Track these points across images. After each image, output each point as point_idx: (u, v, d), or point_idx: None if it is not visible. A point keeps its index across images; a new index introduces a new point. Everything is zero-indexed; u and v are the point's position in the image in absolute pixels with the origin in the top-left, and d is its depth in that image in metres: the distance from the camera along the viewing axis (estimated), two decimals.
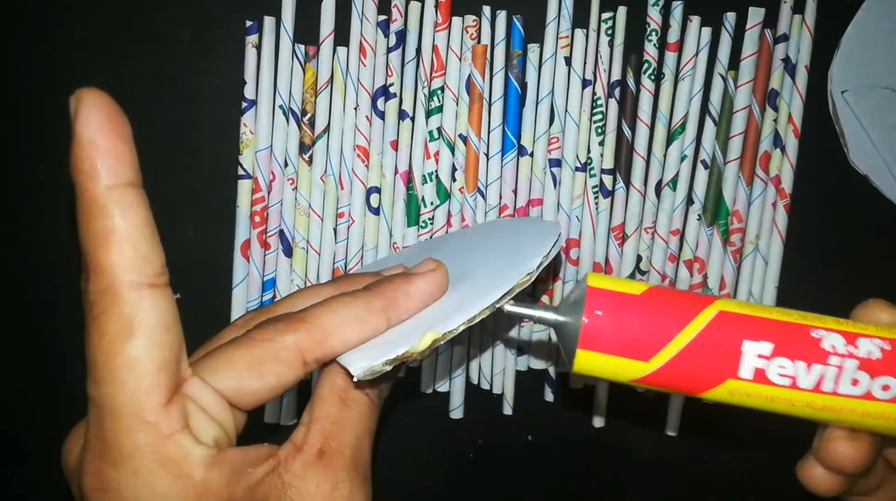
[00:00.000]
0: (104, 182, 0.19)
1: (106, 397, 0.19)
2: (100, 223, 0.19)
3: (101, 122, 0.19)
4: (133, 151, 0.20)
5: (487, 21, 0.39)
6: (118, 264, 0.19)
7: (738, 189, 0.40)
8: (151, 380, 0.19)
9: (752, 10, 0.39)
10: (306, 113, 0.39)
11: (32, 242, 0.41)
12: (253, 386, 0.21)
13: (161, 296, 0.19)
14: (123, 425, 0.19)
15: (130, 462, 0.19)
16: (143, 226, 0.19)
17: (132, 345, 0.19)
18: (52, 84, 0.40)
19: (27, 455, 0.43)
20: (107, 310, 0.19)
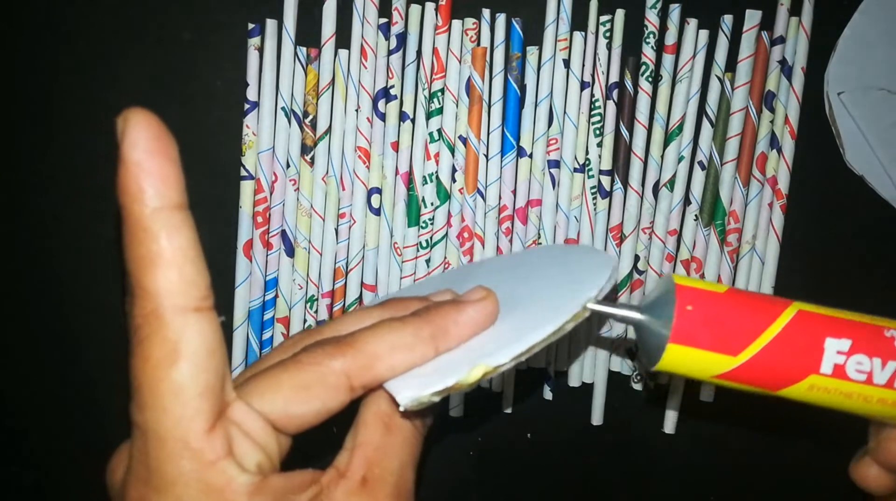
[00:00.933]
0: (151, 205, 0.19)
1: (150, 422, 0.19)
2: (145, 247, 0.19)
3: (148, 143, 0.19)
4: (180, 172, 0.20)
5: (487, 24, 0.39)
6: (163, 289, 0.18)
7: (734, 190, 0.41)
8: (195, 406, 0.19)
9: (748, 13, 0.39)
10: (308, 115, 0.39)
11: (34, 243, 0.42)
12: (299, 410, 0.21)
13: (206, 320, 0.19)
14: (167, 451, 0.19)
15: (174, 489, 0.19)
16: (189, 249, 0.19)
17: (177, 371, 0.18)
18: (55, 86, 0.40)
19: (30, 454, 0.43)
20: (151, 335, 0.18)
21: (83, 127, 0.41)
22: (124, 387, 0.21)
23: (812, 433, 0.43)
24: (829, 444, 0.43)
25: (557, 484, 0.45)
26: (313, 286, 0.41)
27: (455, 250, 0.40)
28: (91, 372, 0.43)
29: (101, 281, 0.42)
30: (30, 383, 0.43)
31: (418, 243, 0.40)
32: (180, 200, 0.20)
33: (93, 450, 0.22)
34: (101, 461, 0.21)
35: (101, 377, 0.42)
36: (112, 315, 0.42)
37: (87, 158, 0.41)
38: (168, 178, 0.19)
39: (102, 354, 0.42)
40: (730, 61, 0.40)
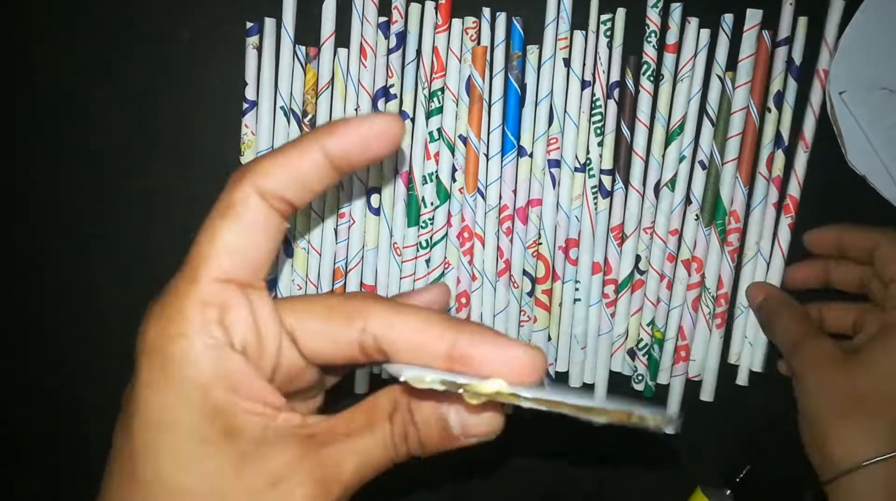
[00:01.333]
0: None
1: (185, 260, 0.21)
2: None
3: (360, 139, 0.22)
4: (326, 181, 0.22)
5: (487, 22, 0.39)
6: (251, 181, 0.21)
7: (735, 189, 0.41)
8: (222, 256, 0.20)
9: (749, 12, 0.39)
10: (307, 114, 0.39)
11: (28, 241, 0.42)
12: (315, 327, 0.21)
13: (271, 213, 0.21)
14: (184, 278, 0.20)
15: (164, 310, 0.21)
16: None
17: (221, 222, 0.21)
18: (53, 85, 0.40)
19: (23, 453, 0.43)
20: (220, 199, 0.21)
21: (82, 126, 0.40)
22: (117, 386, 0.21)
23: None
24: None
25: (558, 485, 0.45)
26: (312, 287, 0.40)
27: (455, 250, 0.40)
28: (88, 372, 0.42)
29: (100, 281, 0.42)
30: (23, 383, 0.43)
31: (418, 243, 0.40)
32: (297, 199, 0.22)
33: (90, 449, 0.22)
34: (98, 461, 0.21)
35: (97, 379, 0.42)
36: (112, 314, 0.42)
37: (85, 157, 0.41)
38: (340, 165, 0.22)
39: (102, 353, 0.42)
40: (731, 60, 0.40)
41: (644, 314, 0.41)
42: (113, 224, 0.41)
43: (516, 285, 0.41)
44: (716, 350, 0.41)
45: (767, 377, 0.42)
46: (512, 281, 0.41)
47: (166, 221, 0.41)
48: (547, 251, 0.40)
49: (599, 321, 0.41)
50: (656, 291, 0.41)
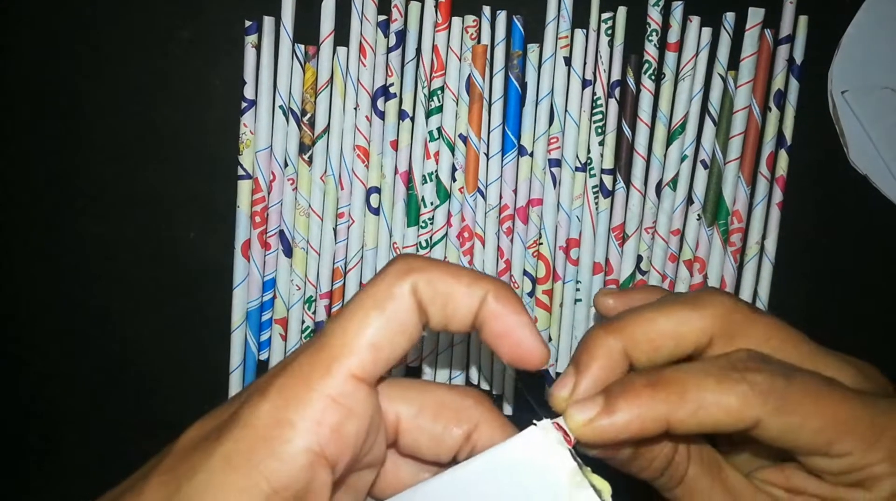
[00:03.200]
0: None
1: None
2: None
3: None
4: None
5: (487, 21, 0.39)
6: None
7: (737, 189, 0.40)
8: (365, 352, 0.18)
9: (751, 11, 0.39)
10: (306, 113, 0.39)
11: (27, 241, 0.41)
12: (423, 424, 0.21)
13: (417, 318, 0.20)
14: (319, 365, 0.18)
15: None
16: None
17: (377, 314, 0.19)
18: (53, 84, 0.40)
19: (24, 454, 0.43)
20: (377, 285, 0.19)
21: (81, 125, 0.40)
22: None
23: None
24: None
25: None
26: (312, 287, 0.40)
27: (455, 249, 0.40)
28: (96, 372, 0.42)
29: (100, 281, 0.41)
30: (30, 383, 0.43)
31: (418, 242, 0.40)
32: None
33: (91, 451, 0.21)
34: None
35: (105, 377, 0.42)
36: (112, 315, 0.42)
37: (85, 157, 0.40)
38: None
39: (102, 354, 0.42)
40: (733, 59, 0.40)
41: None
42: (112, 224, 0.41)
43: (517, 285, 0.40)
44: None
45: None
46: (512, 281, 0.40)
47: (166, 220, 0.41)
48: (547, 251, 0.40)
49: (601, 322, 0.41)
50: None
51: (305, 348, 0.19)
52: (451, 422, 0.20)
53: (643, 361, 0.22)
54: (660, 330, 0.22)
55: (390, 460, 0.22)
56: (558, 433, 0.19)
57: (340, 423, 0.18)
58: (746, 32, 0.39)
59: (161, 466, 0.18)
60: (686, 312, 0.22)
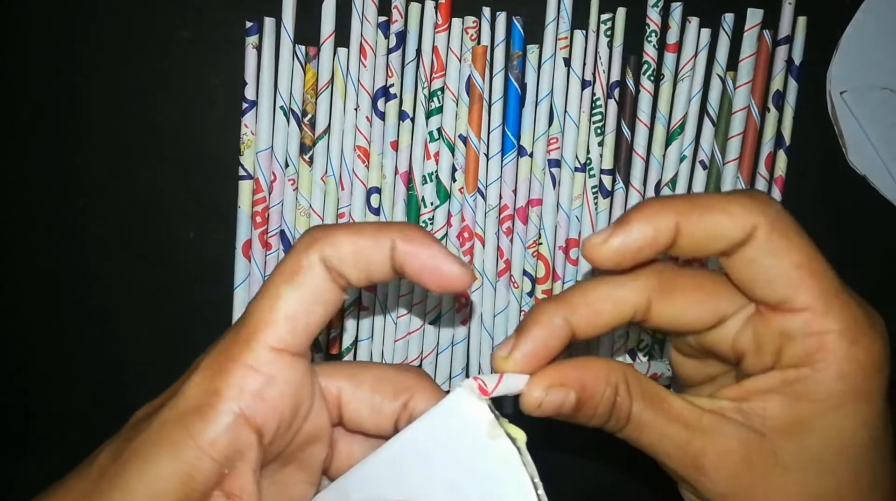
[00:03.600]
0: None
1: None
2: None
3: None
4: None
5: (487, 22, 0.39)
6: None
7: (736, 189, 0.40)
8: (280, 324, 0.20)
9: (750, 11, 0.39)
10: (307, 114, 0.39)
11: (27, 241, 0.41)
12: (362, 396, 0.22)
13: (333, 286, 0.21)
14: (238, 341, 0.20)
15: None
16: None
17: (286, 287, 0.20)
18: (53, 84, 0.40)
19: (24, 454, 0.43)
20: (287, 261, 0.21)
21: (81, 126, 0.40)
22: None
23: None
24: None
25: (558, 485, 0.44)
26: None
27: (455, 249, 0.40)
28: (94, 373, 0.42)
29: (100, 281, 0.42)
30: (24, 379, 0.43)
31: None
32: None
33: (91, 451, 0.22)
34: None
35: (105, 377, 0.42)
36: (112, 314, 0.42)
37: (85, 157, 0.40)
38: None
39: (102, 354, 0.42)
40: (732, 60, 0.40)
41: None
42: (113, 224, 0.41)
43: (516, 285, 0.40)
44: None
45: None
46: (512, 281, 0.40)
47: (166, 220, 0.41)
48: (547, 251, 0.40)
49: None
50: None
51: (232, 327, 0.21)
52: (388, 394, 0.22)
53: (584, 326, 0.23)
54: (598, 295, 0.22)
55: (343, 440, 0.23)
56: (478, 391, 0.20)
57: (262, 388, 0.20)
58: (745, 33, 0.39)
59: (114, 437, 0.21)
60: (621, 277, 0.22)
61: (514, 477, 0.19)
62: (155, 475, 0.19)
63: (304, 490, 0.23)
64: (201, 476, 0.19)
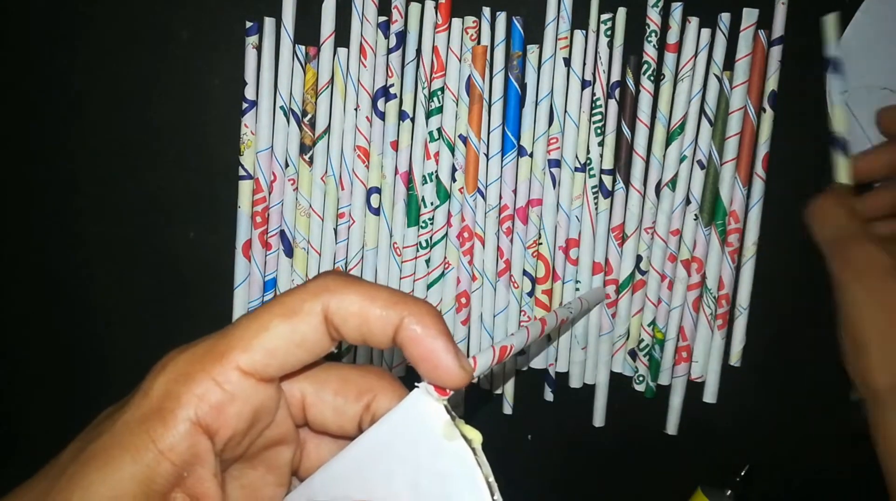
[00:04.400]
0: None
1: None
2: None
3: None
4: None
5: (487, 22, 0.39)
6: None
7: (734, 189, 0.40)
8: (257, 353, 0.20)
9: (745, 11, 0.39)
10: (307, 114, 0.39)
11: (27, 241, 0.41)
12: (326, 398, 0.22)
13: (325, 337, 0.21)
14: (212, 352, 0.20)
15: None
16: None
17: (279, 322, 0.20)
18: (53, 84, 0.40)
19: (22, 455, 0.43)
20: (290, 297, 0.21)
21: (82, 126, 0.40)
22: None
23: (814, 433, 0.42)
24: (832, 455, 0.43)
25: (558, 486, 0.44)
26: None
27: (455, 249, 0.40)
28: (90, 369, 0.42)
29: (100, 281, 0.42)
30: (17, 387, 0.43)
31: (418, 242, 0.40)
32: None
33: None
34: None
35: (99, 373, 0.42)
36: (112, 314, 0.42)
37: (85, 157, 0.40)
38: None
39: (102, 354, 0.42)
40: (728, 60, 0.40)
41: (645, 314, 0.41)
42: (113, 224, 0.41)
43: (516, 285, 0.41)
44: (718, 352, 0.41)
45: (768, 377, 0.42)
46: (512, 281, 0.40)
47: (166, 220, 0.41)
48: (547, 251, 0.40)
49: (600, 322, 0.41)
50: (657, 291, 0.41)
51: (216, 333, 0.21)
52: (351, 396, 0.22)
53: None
54: None
55: (312, 441, 0.23)
56: (435, 392, 0.20)
57: (221, 403, 0.20)
58: (741, 33, 0.39)
59: (78, 437, 0.21)
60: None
61: (469, 478, 0.20)
62: (115, 476, 0.19)
63: (273, 492, 0.23)
64: (161, 479, 0.19)
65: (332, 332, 0.21)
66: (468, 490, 0.19)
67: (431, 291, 0.40)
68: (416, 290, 0.40)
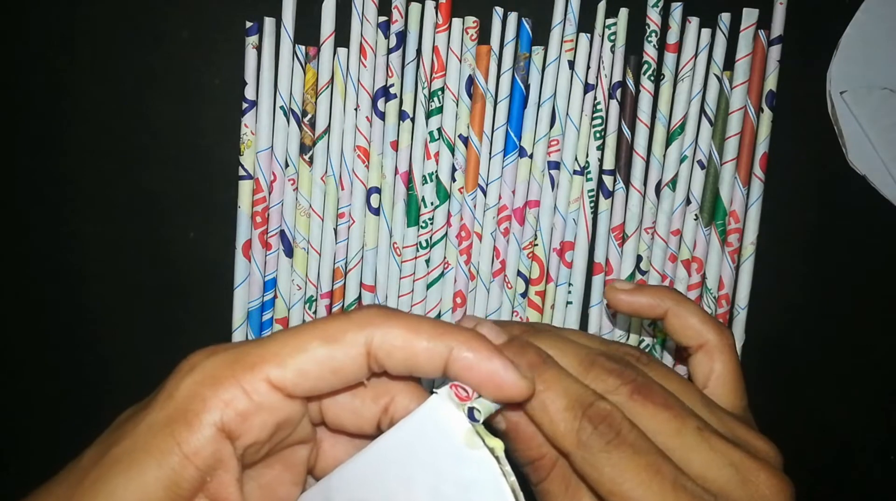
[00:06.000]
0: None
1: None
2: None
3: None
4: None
5: (499, 19, 0.39)
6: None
7: (734, 189, 0.40)
8: (290, 373, 0.20)
9: (746, 11, 0.39)
10: (307, 114, 0.39)
11: (27, 241, 0.41)
12: (343, 400, 0.22)
13: (363, 369, 0.20)
14: (244, 362, 0.20)
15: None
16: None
17: (318, 345, 0.20)
18: (53, 84, 0.40)
19: (21, 457, 0.43)
20: (334, 322, 0.21)
21: (81, 125, 0.40)
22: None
23: (814, 432, 0.42)
24: (831, 455, 0.43)
25: None
26: (312, 287, 0.40)
27: (454, 249, 0.40)
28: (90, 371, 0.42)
29: (100, 281, 0.42)
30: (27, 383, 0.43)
31: (418, 243, 0.40)
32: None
33: None
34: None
35: (101, 376, 0.42)
36: (112, 315, 0.42)
37: (84, 157, 0.40)
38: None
39: (102, 354, 0.42)
40: (728, 60, 0.40)
41: None
42: (113, 224, 0.41)
43: (510, 285, 0.41)
44: None
45: (767, 376, 0.42)
46: (506, 282, 0.41)
47: (166, 220, 0.41)
48: (542, 253, 0.40)
49: (601, 323, 0.41)
50: None
51: (249, 341, 0.21)
52: (369, 397, 0.22)
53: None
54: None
55: (328, 440, 0.23)
56: (455, 398, 0.20)
57: (247, 412, 0.19)
58: (741, 33, 0.39)
59: (98, 439, 0.21)
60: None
61: (494, 488, 0.19)
62: (140, 480, 0.19)
63: (289, 491, 0.23)
64: (186, 483, 0.19)
65: (374, 365, 0.20)
66: (493, 498, 0.19)
67: (431, 291, 0.40)
68: (415, 290, 0.40)
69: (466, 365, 0.20)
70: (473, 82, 0.39)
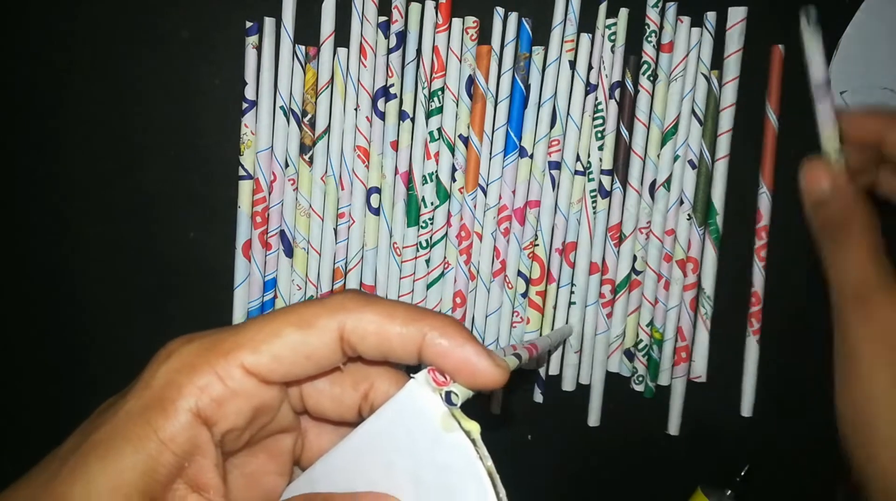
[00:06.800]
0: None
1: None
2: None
3: None
4: None
5: (499, 19, 0.39)
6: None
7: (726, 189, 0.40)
8: (264, 358, 0.20)
9: (731, 10, 0.39)
10: (307, 114, 0.39)
11: (27, 241, 0.42)
12: (322, 387, 0.22)
13: (337, 353, 0.20)
14: (219, 349, 0.20)
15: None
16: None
17: (291, 330, 0.20)
18: (53, 84, 0.40)
19: (20, 456, 0.43)
20: (307, 308, 0.21)
21: (81, 125, 0.40)
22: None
23: (814, 432, 0.42)
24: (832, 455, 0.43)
25: (555, 486, 0.45)
26: (312, 287, 0.40)
27: (455, 249, 0.40)
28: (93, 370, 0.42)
29: (100, 281, 0.42)
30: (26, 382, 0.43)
31: (418, 242, 0.40)
32: None
33: None
34: None
35: (104, 374, 0.42)
36: (112, 314, 0.42)
37: (85, 157, 0.41)
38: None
39: (102, 354, 0.42)
40: (717, 59, 0.40)
41: (642, 314, 0.41)
42: (113, 224, 0.41)
43: (510, 285, 0.41)
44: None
45: (767, 376, 0.42)
46: (507, 282, 0.41)
47: (166, 220, 0.41)
48: (543, 253, 0.40)
49: (596, 322, 0.41)
50: (654, 291, 0.41)
51: (224, 328, 0.21)
52: (348, 384, 0.22)
53: None
54: None
55: (313, 429, 0.23)
56: (433, 382, 0.20)
57: (222, 398, 0.20)
58: (727, 31, 0.39)
59: (79, 428, 0.21)
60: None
61: (470, 470, 0.20)
62: (117, 466, 0.19)
63: (274, 481, 0.23)
64: (163, 469, 0.19)
65: (347, 349, 0.21)
66: (470, 481, 0.19)
67: (431, 291, 0.40)
68: (415, 290, 0.40)
69: (440, 352, 0.20)
70: (473, 82, 0.39)
